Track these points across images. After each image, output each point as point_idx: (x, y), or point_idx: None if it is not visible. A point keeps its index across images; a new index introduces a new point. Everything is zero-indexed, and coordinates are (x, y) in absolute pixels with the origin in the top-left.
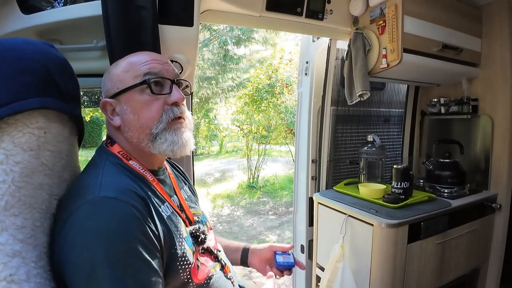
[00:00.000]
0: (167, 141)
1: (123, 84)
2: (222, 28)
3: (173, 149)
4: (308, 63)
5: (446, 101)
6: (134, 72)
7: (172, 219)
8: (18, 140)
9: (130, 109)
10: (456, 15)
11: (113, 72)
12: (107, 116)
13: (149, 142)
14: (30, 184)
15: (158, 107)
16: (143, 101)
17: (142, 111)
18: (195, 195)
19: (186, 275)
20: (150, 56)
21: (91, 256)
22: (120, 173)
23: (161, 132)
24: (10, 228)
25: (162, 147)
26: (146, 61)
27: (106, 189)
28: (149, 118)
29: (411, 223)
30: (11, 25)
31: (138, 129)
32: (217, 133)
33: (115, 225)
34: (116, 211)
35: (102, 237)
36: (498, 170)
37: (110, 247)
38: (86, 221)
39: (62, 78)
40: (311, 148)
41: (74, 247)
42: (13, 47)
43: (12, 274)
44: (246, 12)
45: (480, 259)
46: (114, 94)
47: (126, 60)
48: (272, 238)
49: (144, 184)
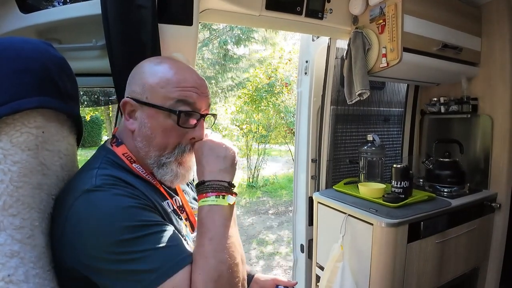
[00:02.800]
0: (172, 172)
1: (153, 99)
2: (222, 27)
3: (173, 181)
4: (308, 62)
5: (446, 101)
6: (168, 92)
7: (171, 216)
8: (16, 139)
9: (151, 125)
10: (456, 15)
11: (147, 78)
12: (124, 116)
13: (155, 165)
14: (29, 183)
15: (177, 138)
16: (165, 126)
17: (161, 134)
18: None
19: None
20: (193, 80)
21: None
22: (117, 169)
23: (168, 163)
24: (8, 228)
25: (165, 177)
26: (186, 87)
27: (102, 180)
28: (163, 144)
29: (410, 222)
30: (10, 24)
31: (149, 147)
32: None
33: (118, 204)
34: (116, 194)
35: (110, 217)
36: (497, 169)
37: (121, 222)
38: (88, 209)
39: (60, 77)
40: (311, 147)
41: (85, 239)
42: (11, 46)
43: (11, 275)
44: (245, 11)
45: (479, 258)
46: (139, 101)
47: (166, 72)
48: (272, 237)
49: (144, 183)
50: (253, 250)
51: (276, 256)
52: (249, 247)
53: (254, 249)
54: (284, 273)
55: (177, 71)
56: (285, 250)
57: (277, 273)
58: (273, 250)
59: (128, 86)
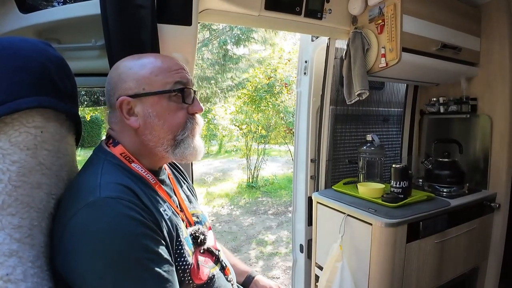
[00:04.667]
0: (190, 146)
1: (151, 87)
2: (222, 28)
3: (194, 154)
4: (307, 62)
5: (445, 101)
6: (165, 78)
7: (172, 220)
8: (15, 139)
9: (156, 112)
10: (455, 15)
11: (139, 72)
12: (122, 115)
13: (169, 147)
14: (27, 183)
15: (183, 115)
16: (171, 108)
17: (169, 117)
18: (194, 194)
19: (186, 275)
20: (177, 64)
21: (101, 261)
22: (119, 173)
23: (185, 139)
24: (7, 227)
25: (186, 153)
26: (177, 69)
27: (106, 190)
28: (175, 125)
29: (410, 222)
30: (9, 24)
31: (161, 134)
32: (217, 133)
33: (118, 225)
34: (117, 211)
35: (108, 238)
36: (497, 169)
37: (118, 247)
38: (89, 224)
39: (59, 76)
40: (310, 147)
41: (81, 253)
42: (9, 46)
43: (9, 274)
44: (244, 12)
45: (479, 258)
46: (136, 95)
47: (152, 63)
48: (271, 237)
49: (144, 185)
50: (252, 250)
51: (276, 256)
52: (248, 247)
53: (253, 249)
54: (284, 273)
55: (163, 60)
56: (285, 250)
57: (276, 273)
58: (273, 250)
59: (115, 88)
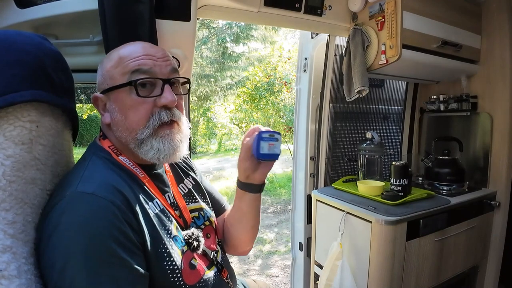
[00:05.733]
0: (153, 149)
1: (112, 82)
2: (221, 25)
3: (159, 157)
4: (307, 59)
5: (445, 98)
6: (122, 68)
7: (159, 217)
8: (10, 133)
9: (118, 108)
10: (456, 12)
11: (105, 65)
12: (99, 111)
13: (135, 146)
14: (22, 178)
15: (146, 110)
16: (130, 102)
17: (129, 113)
18: (199, 186)
19: (176, 276)
20: (143, 49)
21: (65, 251)
22: (105, 167)
23: (146, 139)
24: (1, 222)
25: (148, 155)
26: (137, 57)
27: (85, 184)
28: (135, 122)
29: (409, 220)
30: (6, 19)
31: (125, 131)
32: (216, 131)
33: (89, 221)
34: (91, 206)
35: (76, 232)
36: (497, 167)
37: (84, 242)
38: (61, 216)
39: (55, 71)
40: (310, 145)
41: (49, 242)
42: (4, 39)
43: (3, 270)
44: (244, 8)
45: (479, 256)
46: (104, 90)
47: (117, 52)
48: (271, 236)
49: (131, 180)
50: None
51: (275, 255)
52: None
53: (252, 247)
54: (282, 271)
55: (126, 47)
56: (284, 249)
57: (275, 272)
58: (272, 248)
59: (97, 83)
